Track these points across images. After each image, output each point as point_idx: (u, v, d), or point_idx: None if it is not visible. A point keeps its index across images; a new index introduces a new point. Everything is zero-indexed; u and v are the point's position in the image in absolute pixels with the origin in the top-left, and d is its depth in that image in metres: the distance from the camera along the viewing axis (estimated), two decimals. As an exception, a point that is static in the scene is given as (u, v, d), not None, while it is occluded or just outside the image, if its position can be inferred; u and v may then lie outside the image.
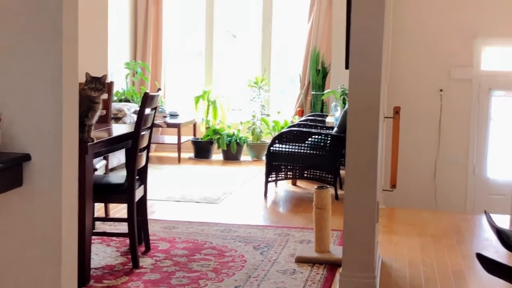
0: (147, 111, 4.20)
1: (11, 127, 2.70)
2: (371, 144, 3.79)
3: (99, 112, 3.89)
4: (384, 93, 5.12)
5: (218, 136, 8.69)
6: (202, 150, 8.83)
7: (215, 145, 8.79)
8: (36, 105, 2.69)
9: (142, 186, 4.40)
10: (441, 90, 7.50)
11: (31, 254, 2.74)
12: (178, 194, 6.50)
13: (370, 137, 3.79)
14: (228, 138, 8.66)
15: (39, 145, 2.71)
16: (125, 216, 4.46)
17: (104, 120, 5.05)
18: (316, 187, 4.63)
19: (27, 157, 2.70)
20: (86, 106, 3.75)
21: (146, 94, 4.08)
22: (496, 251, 4.74)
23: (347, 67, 3.87)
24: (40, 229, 2.73)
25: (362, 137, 3.79)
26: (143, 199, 4.47)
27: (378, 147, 3.82)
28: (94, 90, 3.79)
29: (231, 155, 8.66)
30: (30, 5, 2.62)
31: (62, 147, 2.71)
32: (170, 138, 9.02)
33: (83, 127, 3.69)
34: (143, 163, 4.35)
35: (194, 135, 9.19)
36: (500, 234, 2.36)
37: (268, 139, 8.71)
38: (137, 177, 4.23)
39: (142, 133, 4.19)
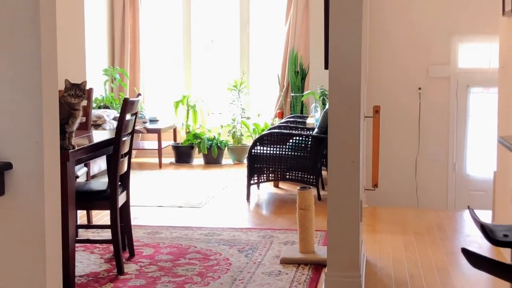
0: (128, 116, 4.18)
1: (-9, 137, 2.68)
2: (353, 144, 3.81)
3: (80, 119, 3.87)
4: (364, 93, 5.15)
5: (199, 141, 8.68)
6: (183, 155, 8.82)
7: (196, 150, 8.78)
8: (16, 113, 2.67)
9: (124, 192, 4.38)
10: (419, 88, 7.55)
11: (15, 263, 2.72)
12: (161, 199, 6.48)
13: (351, 136, 3.81)
14: (209, 142, 8.65)
15: (20, 153, 2.68)
16: (108, 222, 4.44)
17: (84, 127, 5.02)
18: (299, 188, 4.63)
19: (8, 166, 2.67)
20: (66, 113, 3.72)
21: (126, 99, 4.06)
22: (479, 246, 4.78)
23: (326, 67, 3.88)
24: (24, 237, 2.71)
25: (344, 137, 3.80)
26: (126, 205, 4.45)
27: (360, 147, 3.84)
28: (74, 96, 3.76)
29: (212, 159, 8.65)
30: (7, 12, 2.60)
31: (44, 155, 2.69)
32: (150, 143, 9.00)
33: (64, 135, 3.66)
34: (124, 169, 4.33)
35: (175, 140, 9.17)
36: (484, 228, 2.38)
37: (248, 142, 8.71)
38: (119, 183, 4.21)
39: (123, 138, 4.17)
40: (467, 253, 2.23)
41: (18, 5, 2.60)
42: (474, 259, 2.26)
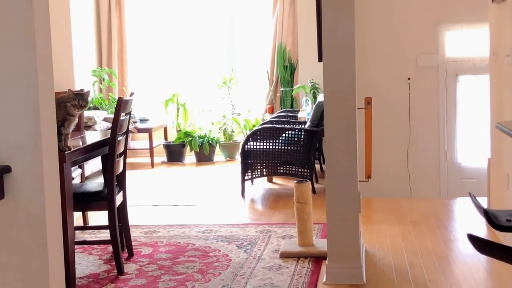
0: (122, 116, 4.16)
1: (-11, 141, 2.66)
2: (349, 135, 3.82)
3: (76, 121, 3.85)
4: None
5: (190, 138, 8.66)
6: (174, 154, 8.79)
7: (187, 148, 8.76)
8: (13, 116, 2.65)
9: (121, 192, 4.36)
10: (408, 79, 7.56)
11: (18, 267, 2.70)
12: (155, 198, 6.46)
13: (348, 128, 3.82)
14: (200, 140, 8.64)
15: (18, 156, 2.67)
16: (104, 223, 4.42)
17: (77, 129, 4.98)
18: (296, 181, 4.63)
19: (7, 169, 2.65)
20: (62, 115, 3.70)
21: (120, 99, 4.04)
22: (476, 233, 4.79)
23: (320, 60, 3.88)
24: (26, 240, 2.69)
25: (340, 128, 3.81)
26: (123, 205, 4.43)
27: (356, 138, 3.85)
28: (78, 107, 3.76)
29: (204, 157, 8.63)
30: (1, 17, 2.59)
31: (42, 157, 2.67)
32: (141, 143, 8.97)
33: (60, 136, 3.64)
34: (120, 169, 4.31)
35: (166, 139, 9.14)
36: (488, 214, 2.39)
37: (240, 138, 8.71)
38: (115, 183, 4.18)
39: (118, 138, 4.15)
40: (473, 239, 2.24)
41: (12, 11, 2.59)
42: (481, 244, 2.27)
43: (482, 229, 4.94)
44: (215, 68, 9.44)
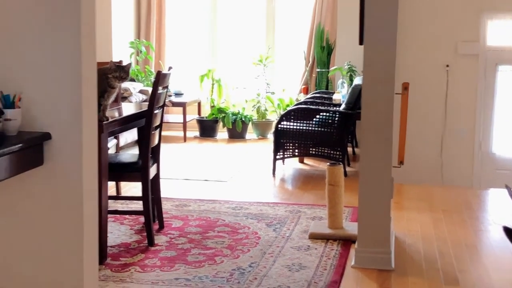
0: (160, 89, 4.19)
1: (31, 107, 2.71)
2: (386, 120, 3.80)
3: (116, 93, 3.90)
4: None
5: (223, 115, 8.68)
6: (207, 129, 8.83)
7: (220, 124, 8.79)
8: (55, 84, 2.69)
9: (155, 165, 4.40)
10: (447, 66, 7.47)
11: (54, 232, 2.76)
12: (187, 173, 6.51)
13: (385, 113, 3.80)
14: (233, 117, 8.66)
15: (59, 124, 2.72)
16: (136, 194, 4.47)
17: (115, 100, 5.02)
18: (328, 164, 4.63)
19: (47, 136, 2.70)
20: (103, 86, 3.74)
21: (159, 72, 4.07)
22: (508, 225, 4.75)
23: (361, 43, 3.86)
24: (62, 207, 2.75)
25: (377, 113, 3.80)
26: (156, 177, 4.48)
27: (392, 123, 3.83)
28: (119, 79, 3.80)
29: (236, 134, 8.66)
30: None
31: (82, 125, 2.71)
32: (174, 117, 9.02)
33: (99, 107, 3.68)
34: (156, 141, 4.35)
35: (199, 114, 9.18)
36: (524, 207, 2.37)
37: (273, 117, 8.71)
38: (150, 155, 4.22)
39: (155, 111, 4.18)
40: (509, 231, 2.22)
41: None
42: (516, 237, 2.25)
43: (514, 222, 4.91)
44: (252, 45, 9.42)
